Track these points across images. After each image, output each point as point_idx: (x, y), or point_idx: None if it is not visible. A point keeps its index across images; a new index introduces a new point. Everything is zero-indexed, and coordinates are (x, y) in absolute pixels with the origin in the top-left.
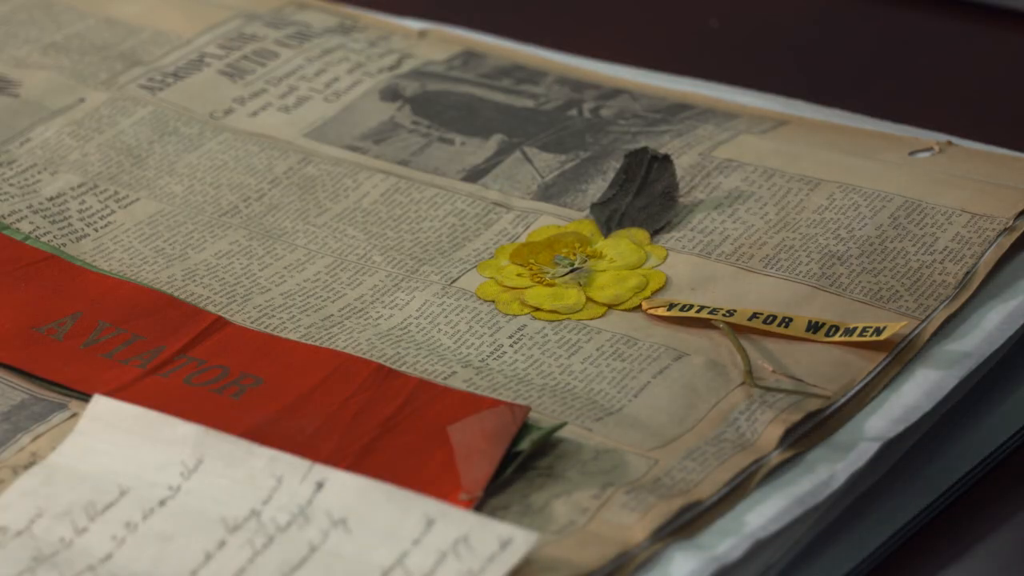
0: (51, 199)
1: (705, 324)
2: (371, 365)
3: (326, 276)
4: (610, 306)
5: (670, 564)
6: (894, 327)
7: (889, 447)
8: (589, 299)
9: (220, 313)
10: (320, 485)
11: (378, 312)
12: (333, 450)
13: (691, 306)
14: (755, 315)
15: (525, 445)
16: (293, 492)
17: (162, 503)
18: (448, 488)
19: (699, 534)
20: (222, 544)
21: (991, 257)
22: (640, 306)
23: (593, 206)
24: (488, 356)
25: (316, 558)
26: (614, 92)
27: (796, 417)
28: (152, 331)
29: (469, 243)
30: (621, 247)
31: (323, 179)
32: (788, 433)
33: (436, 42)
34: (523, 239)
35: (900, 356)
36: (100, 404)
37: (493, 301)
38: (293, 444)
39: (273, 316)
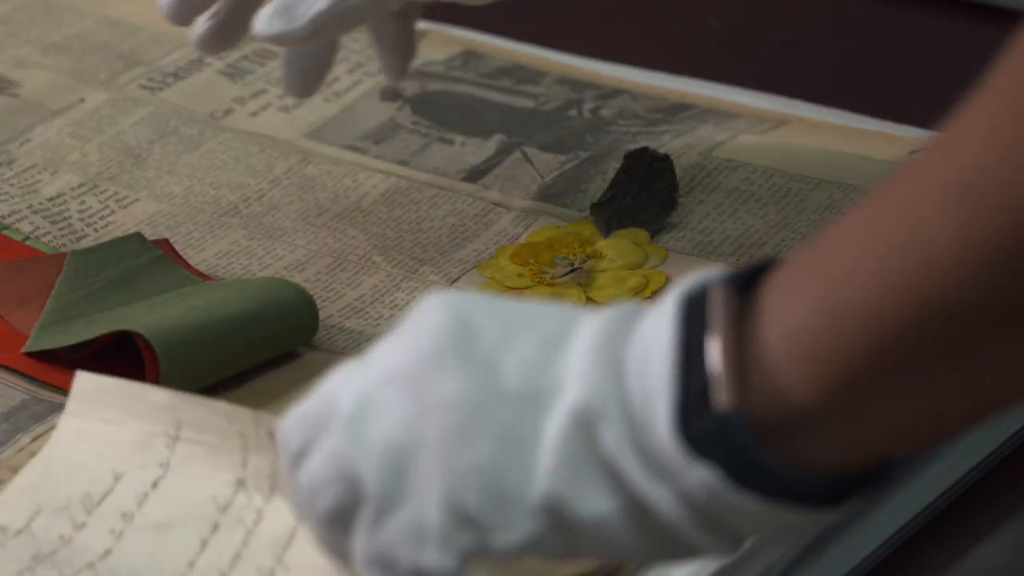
0: (51, 199)
1: None
2: None
3: (326, 276)
4: None
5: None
6: None
7: None
8: (589, 299)
9: None
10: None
11: (378, 312)
12: None
13: None
14: None
15: None
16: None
17: (155, 484)
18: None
19: None
20: (215, 527)
21: None
22: None
23: (593, 206)
24: None
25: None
26: (614, 92)
27: None
28: None
29: (469, 243)
30: (621, 247)
31: (323, 179)
32: None
33: (436, 42)
34: (523, 239)
35: None
36: (83, 380)
37: None
38: None
39: None
